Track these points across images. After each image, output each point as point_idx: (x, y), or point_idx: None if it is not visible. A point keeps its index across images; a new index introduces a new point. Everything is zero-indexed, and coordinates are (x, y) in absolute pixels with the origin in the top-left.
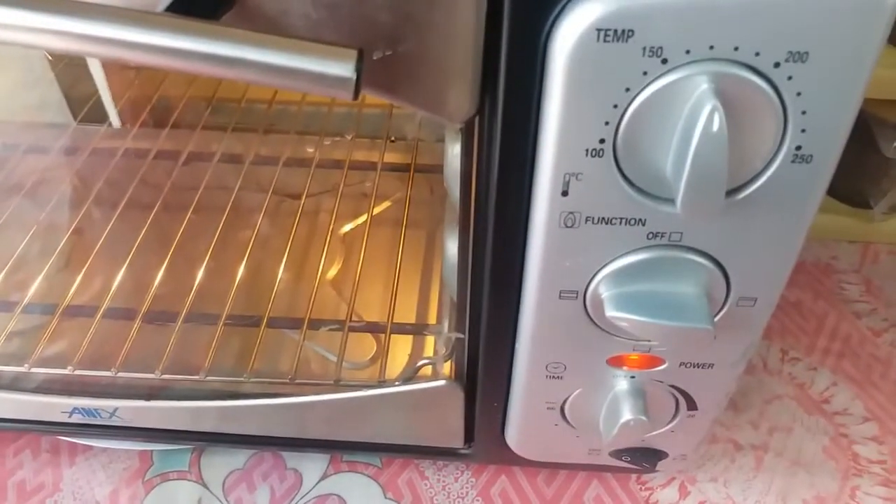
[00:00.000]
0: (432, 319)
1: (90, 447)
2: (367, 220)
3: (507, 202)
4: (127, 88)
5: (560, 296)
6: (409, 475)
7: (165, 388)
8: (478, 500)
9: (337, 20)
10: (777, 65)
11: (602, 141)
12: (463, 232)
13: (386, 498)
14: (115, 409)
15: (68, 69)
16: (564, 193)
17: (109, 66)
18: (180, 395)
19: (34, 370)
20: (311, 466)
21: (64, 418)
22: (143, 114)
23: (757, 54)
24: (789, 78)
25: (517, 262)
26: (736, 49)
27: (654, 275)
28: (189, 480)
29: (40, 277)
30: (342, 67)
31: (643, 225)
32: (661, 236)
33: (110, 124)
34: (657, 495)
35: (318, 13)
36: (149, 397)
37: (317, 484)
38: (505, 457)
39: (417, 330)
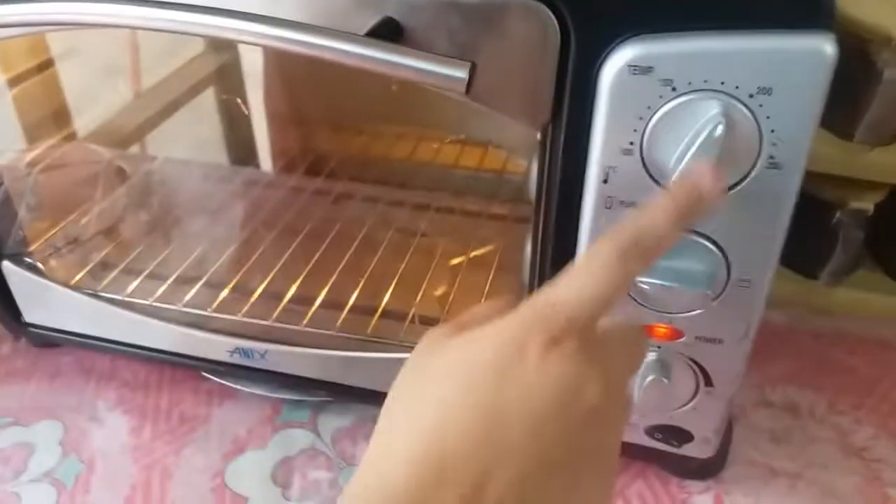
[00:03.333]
0: None
1: (236, 393)
2: (467, 257)
3: (568, 189)
4: (284, 139)
5: None
6: None
7: (305, 338)
8: None
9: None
10: (751, 95)
11: (632, 143)
12: (535, 219)
13: None
14: (266, 351)
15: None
16: (605, 181)
17: (272, 120)
18: (315, 345)
19: (213, 314)
20: None
21: (226, 357)
22: (293, 160)
23: (737, 87)
24: (760, 105)
25: (573, 237)
26: (722, 83)
27: (672, 254)
28: (306, 430)
29: (218, 263)
30: (459, 70)
31: None
32: None
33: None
34: (693, 499)
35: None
36: (292, 343)
37: None
38: None
39: None
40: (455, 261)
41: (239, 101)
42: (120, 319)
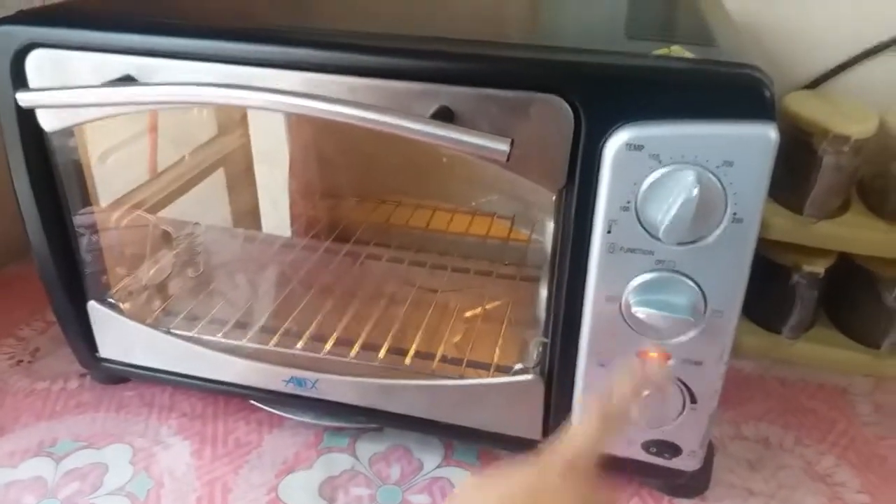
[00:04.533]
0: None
1: (283, 423)
2: (483, 308)
3: (579, 239)
4: (309, 210)
5: (606, 300)
6: None
7: (349, 369)
8: None
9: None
10: (718, 167)
11: (629, 202)
12: (551, 267)
13: None
14: (317, 380)
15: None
16: (609, 232)
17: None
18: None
19: (272, 347)
20: (430, 458)
21: (281, 386)
22: (324, 228)
23: (707, 160)
24: (725, 174)
25: (582, 278)
26: (696, 157)
27: (660, 288)
28: (346, 454)
29: (263, 317)
30: (503, 144)
31: (653, 255)
32: (663, 263)
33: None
34: None
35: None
36: (339, 372)
37: (433, 470)
38: None
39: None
40: (469, 313)
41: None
42: (188, 353)
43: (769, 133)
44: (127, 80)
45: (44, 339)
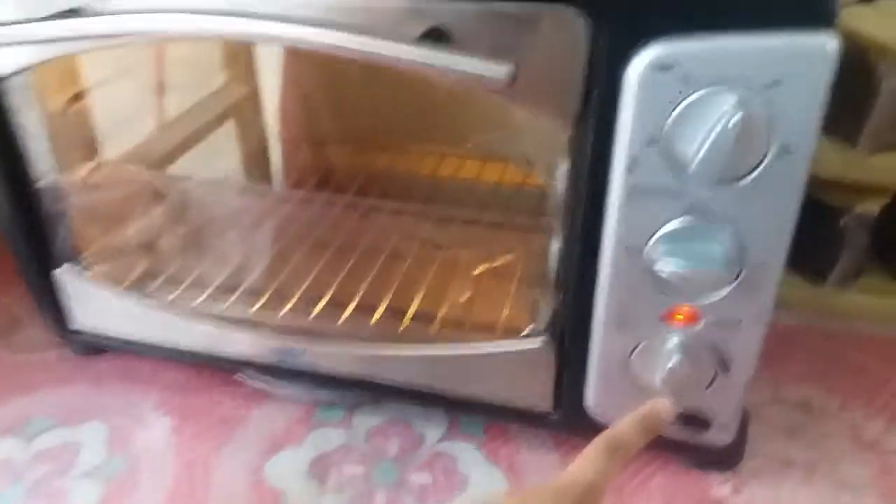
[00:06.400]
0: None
1: (271, 396)
2: (491, 264)
3: (596, 181)
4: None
5: (627, 252)
6: (507, 448)
7: (340, 336)
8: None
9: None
10: (764, 88)
11: (655, 135)
12: (564, 214)
13: (487, 461)
14: (304, 350)
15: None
16: (630, 171)
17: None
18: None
19: (254, 315)
20: (432, 432)
21: (267, 357)
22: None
23: (750, 81)
24: (772, 97)
25: (599, 228)
26: (737, 77)
27: (691, 237)
28: (340, 429)
29: (255, 273)
30: (503, 69)
31: (682, 198)
32: (697, 207)
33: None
34: (713, 491)
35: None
36: (328, 340)
37: (435, 444)
38: (585, 425)
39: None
40: (478, 270)
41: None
42: (164, 321)
43: (827, 43)
44: (73, 13)
45: (24, 308)
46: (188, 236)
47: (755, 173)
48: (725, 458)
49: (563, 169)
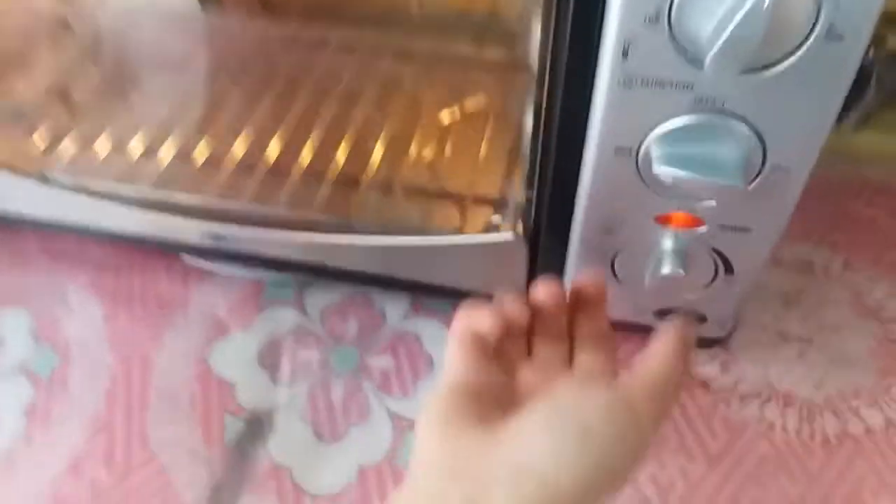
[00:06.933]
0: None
1: (212, 274)
2: (461, 110)
3: (577, 62)
4: None
5: (616, 152)
6: None
7: (282, 220)
8: None
9: None
10: None
11: (658, 9)
12: (538, 95)
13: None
14: (242, 236)
15: None
16: (625, 55)
17: None
18: (295, 227)
19: (182, 194)
20: (394, 309)
21: (199, 240)
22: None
23: None
24: None
25: (582, 119)
26: None
27: (698, 137)
28: (292, 308)
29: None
30: None
31: (691, 90)
32: (707, 101)
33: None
34: (699, 369)
35: None
36: (269, 225)
37: (398, 322)
38: None
39: (495, 200)
40: (445, 117)
41: None
42: (78, 204)
43: None
44: None
45: None
46: (103, 82)
47: (789, 62)
48: (715, 337)
49: (535, 34)
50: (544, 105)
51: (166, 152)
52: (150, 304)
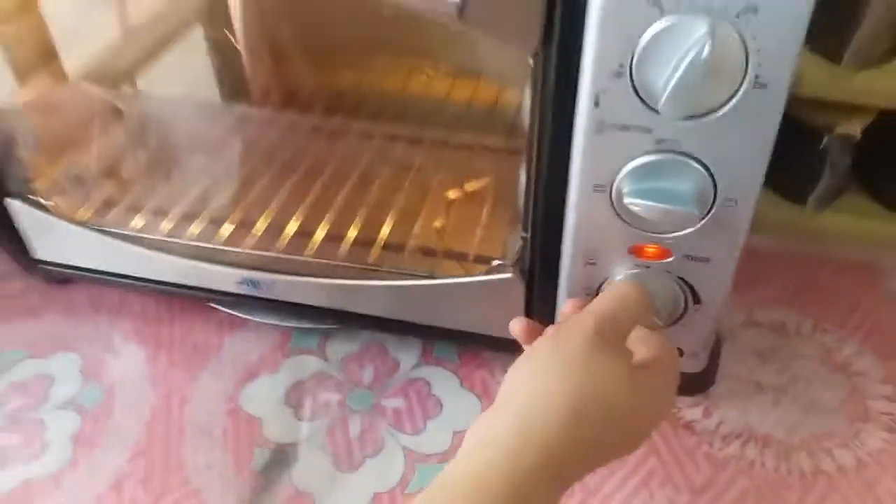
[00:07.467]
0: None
1: (246, 323)
2: (462, 189)
3: (561, 113)
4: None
5: (594, 189)
6: (481, 373)
7: (309, 267)
8: None
9: None
10: (737, 15)
11: (622, 65)
12: (528, 144)
13: (462, 386)
14: (273, 282)
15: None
16: (596, 104)
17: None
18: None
19: (219, 246)
20: (407, 358)
21: (234, 288)
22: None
23: (723, 6)
24: (747, 24)
25: (566, 160)
26: (709, 3)
27: (659, 174)
28: (315, 356)
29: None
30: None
31: (651, 132)
32: (665, 142)
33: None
34: (684, 413)
35: None
36: (298, 274)
37: (410, 370)
38: None
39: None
40: (451, 193)
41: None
42: (127, 254)
43: None
44: None
45: None
46: (150, 161)
47: (727, 108)
48: (697, 383)
49: (527, 98)
50: (535, 155)
51: (204, 217)
52: (188, 350)
